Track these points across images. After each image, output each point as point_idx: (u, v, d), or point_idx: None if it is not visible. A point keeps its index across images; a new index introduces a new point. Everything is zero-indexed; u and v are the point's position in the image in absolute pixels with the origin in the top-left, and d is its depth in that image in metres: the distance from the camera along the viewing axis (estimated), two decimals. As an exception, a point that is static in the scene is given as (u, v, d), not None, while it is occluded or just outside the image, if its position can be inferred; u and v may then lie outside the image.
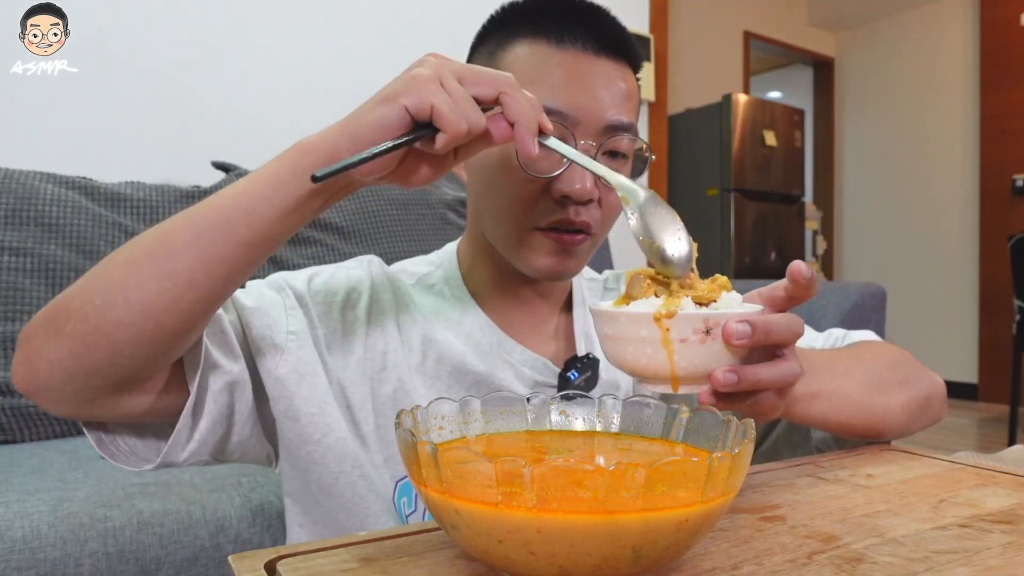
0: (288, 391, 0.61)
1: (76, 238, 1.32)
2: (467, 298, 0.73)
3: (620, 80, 0.66)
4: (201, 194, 1.50)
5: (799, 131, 4.48)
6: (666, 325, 0.44)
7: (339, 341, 0.66)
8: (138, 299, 0.47)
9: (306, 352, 0.62)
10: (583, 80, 0.64)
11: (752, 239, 4.19)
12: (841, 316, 1.80)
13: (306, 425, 0.62)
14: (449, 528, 0.35)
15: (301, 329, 0.63)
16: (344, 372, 0.65)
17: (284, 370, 0.61)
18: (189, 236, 0.48)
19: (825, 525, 0.44)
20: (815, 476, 0.56)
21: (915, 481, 0.55)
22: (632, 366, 0.47)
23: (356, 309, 0.68)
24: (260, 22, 1.91)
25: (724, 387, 0.45)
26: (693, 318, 0.44)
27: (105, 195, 1.40)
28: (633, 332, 0.45)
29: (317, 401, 0.62)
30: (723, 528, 0.44)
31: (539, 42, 0.65)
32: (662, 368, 0.45)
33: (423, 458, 0.34)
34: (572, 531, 0.31)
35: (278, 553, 0.39)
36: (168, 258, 0.48)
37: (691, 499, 0.32)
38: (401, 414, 0.40)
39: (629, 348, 0.46)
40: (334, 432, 0.63)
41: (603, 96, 0.64)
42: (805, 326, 0.75)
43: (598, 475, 0.30)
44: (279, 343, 0.61)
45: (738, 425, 0.40)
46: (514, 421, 0.48)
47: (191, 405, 0.56)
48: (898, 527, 0.44)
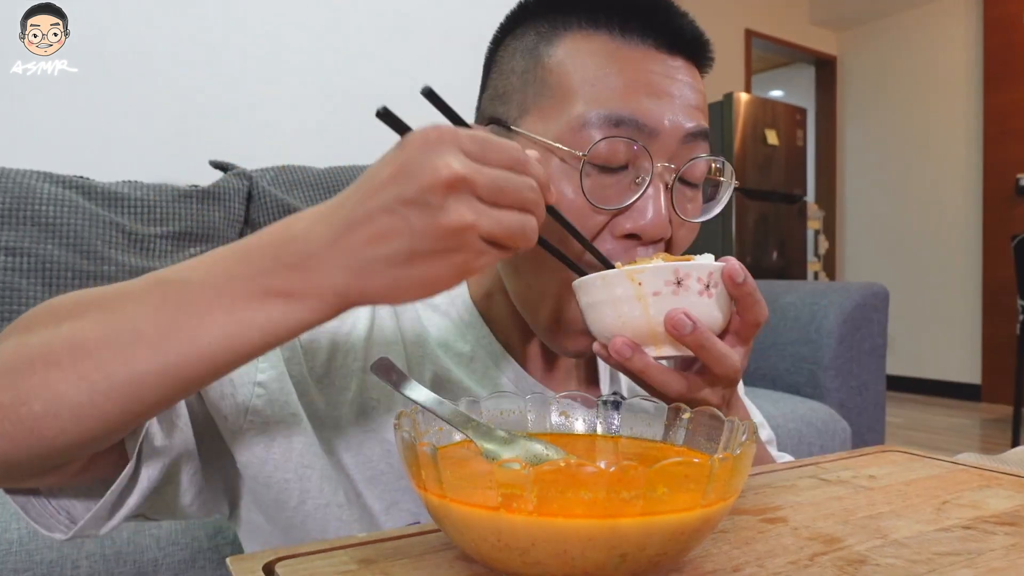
0: (256, 457, 0.53)
1: (73, 238, 1.32)
2: (479, 324, 0.64)
3: (692, 79, 0.56)
4: (199, 194, 1.50)
5: (801, 130, 4.49)
6: (638, 279, 0.46)
7: (330, 376, 0.58)
8: (89, 413, 0.39)
9: (276, 408, 0.53)
10: (656, 82, 0.54)
11: (754, 239, 4.19)
12: (843, 316, 1.80)
13: (279, 492, 0.54)
14: (449, 530, 0.35)
15: (272, 377, 0.54)
16: (337, 410, 0.58)
17: (250, 433, 0.52)
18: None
19: (827, 527, 0.44)
20: (817, 477, 0.56)
21: (918, 482, 0.55)
22: (612, 327, 0.48)
23: (351, 337, 0.59)
24: (259, 20, 1.91)
25: (674, 328, 0.45)
26: (664, 269, 0.46)
27: (102, 194, 1.40)
28: (608, 293, 0.47)
29: (292, 465, 0.54)
30: (724, 529, 0.44)
31: (597, 36, 0.54)
32: (640, 323, 0.46)
33: (423, 460, 0.34)
34: (572, 534, 0.31)
35: (276, 555, 0.39)
36: (121, 371, 0.39)
37: (692, 502, 0.32)
38: (400, 416, 0.40)
39: (607, 311, 0.47)
40: (313, 499, 0.55)
41: (680, 101, 0.54)
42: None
43: (598, 477, 0.30)
44: (242, 401, 0.52)
45: (740, 426, 0.40)
46: (514, 424, 0.48)
47: (124, 479, 0.47)
48: (901, 529, 0.44)
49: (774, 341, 1.90)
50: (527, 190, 0.39)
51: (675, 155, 0.54)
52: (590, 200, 0.53)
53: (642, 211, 0.53)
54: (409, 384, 0.44)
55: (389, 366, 0.46)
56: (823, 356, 1.80)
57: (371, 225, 0.37)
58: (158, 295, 0.40)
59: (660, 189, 0.54)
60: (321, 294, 0.38)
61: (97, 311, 0.41)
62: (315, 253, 0.38)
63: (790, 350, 1.87)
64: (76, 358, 0.39)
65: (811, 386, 1.82)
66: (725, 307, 0.48)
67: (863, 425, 1.85)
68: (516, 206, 0.39)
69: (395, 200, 0.37)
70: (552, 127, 0.54)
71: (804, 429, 1.64)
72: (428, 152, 0.37)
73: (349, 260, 0.37)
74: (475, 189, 0.37)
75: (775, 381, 1.90)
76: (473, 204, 0.37)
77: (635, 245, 0.54)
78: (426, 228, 0.36)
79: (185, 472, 0.52)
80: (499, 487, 0.31)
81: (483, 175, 0.37)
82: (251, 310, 0.39)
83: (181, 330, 0.39)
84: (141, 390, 0.39)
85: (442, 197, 0.36)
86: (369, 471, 0.58)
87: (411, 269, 0.37)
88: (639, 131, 0.52)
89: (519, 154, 0.39)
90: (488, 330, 0.64)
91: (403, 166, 0.37)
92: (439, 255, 0.37)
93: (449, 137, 0.37)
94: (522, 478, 0.30)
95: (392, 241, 0.37)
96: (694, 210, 0.59)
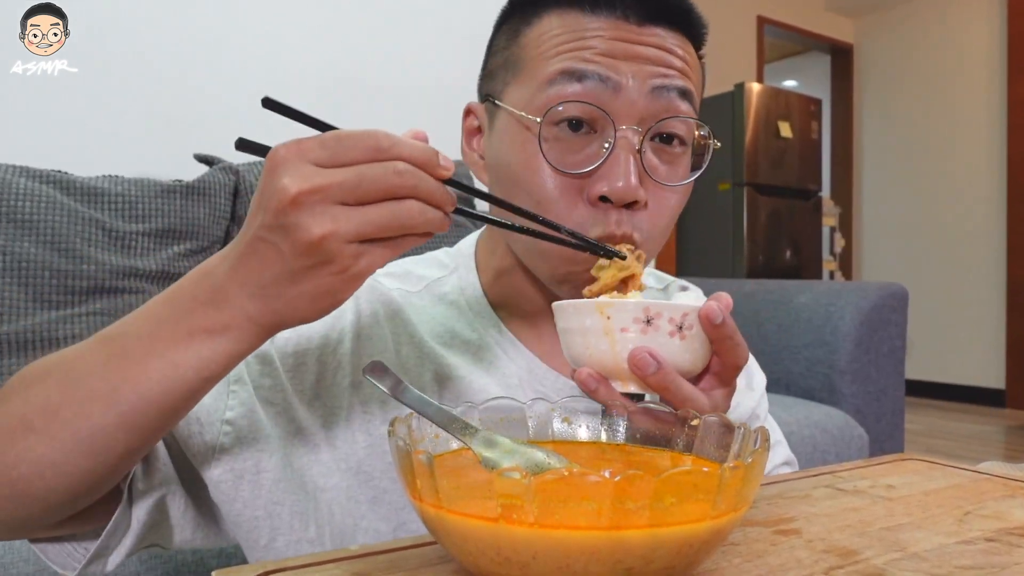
0: (225, 495, 0.55)
1: (50, 235, 1.32)
2: (488, 313, 0.65)
3: (676, 47, 0.58)
4: (183, 189, 1.50)
5: (816, 122, 4.49)
6: (607, 313, 0.47)
7: (321, 396, 0.59)
8: (67, 470, 0.44)
9: (245, 445, 0.55)
10: (622, 46, 0.56)
11: (766, 237, 4.19)
12: (860, 318, 1.80)
13: (249, 531, 0.56)
14: (446, 543, 0.35)
15: (241, 414, 0.55)
16: (331, 430, 0.59)
17: (218, 471, 0.54)
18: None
19: (843, 539, 0.44)
20: (833, 487, 0.56)
21: (939, 492, 0.55)
22: (581, 357, 0.49)
23: (337, 353, 0.59)
24: (249, 7, 1.91)
25: (637, 367, 0.46)
26: (633, 307, 0.47)
27: (81, 189, 1.40)
28: (578, 322, 0.49)
29: (262, 503, 0.55)
30: (735, 542, 0.44)
31: (570, 12, 0.57)
32: (606, 358, 0.48)
33: (418, 468, 0.34)
34: (575, 547, 0.31)
35: (264, 568, 0.39)
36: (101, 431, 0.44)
37: (701, 513, 0.32)
38: (395, 422, 0.40)
39: (577, 339, 0.49)
40: (283, 536, 0.56)
41: (651, 60, 0.56)
42: (758, 379, 0.76)
43: (602, 487, 0.30)
44: (210, 440, 0.54)
45: (752, 433, 0.40)
46: (514, 430, 0.48)
47: (114, 523, 0.51)
48: (921, 541, 0.44)
49: (787, 344, 1.90)
50: (391, 175, 0.39)
51: (645, 115, 0.56)
52: (551, 163, 0.55)
53: (608, 174, 0.55)
54: (403, 388, 0.44)
55: (382, 369, 0.46)
56: (839, 359, 1.80)
57: (254, 254, 0.40)
58: (104, 352, 0.44)
59: (628, 152, 0.55)
60: (238, 324, 0.42)
61: (58, 374, 0.45)
62: (221, 287, 0.42)
63: (804, 353, 1.87)
64: (47, 420, 0.44)
65: (826, 391, 1.82)
66: (700, 350, 0.48)
67: (881, 432, 1.85)
68: (384, 196, 0.39)
69: (260, 227, 0.40)
70: (522, 96, 0.58)
71: (819, 436, 1.64)
72: (273, 175, 0.39)
73: (248, 288, 0.41)
74: (328, 196, 0.38)
75: (788, 386, 1.90)
76: (328, 212, 0.38)
77: (609, 209, 0.55)
78: (291, 248, 0.39)
79: (174, 509, 0.55)
80: (498, 497, 0.31)
81: (333, 178, 0.38)
82: (180, 351, 0.42)
83: (126, 381, 0.43)
84: (105, 442, 0.44)
85: (293, 215, 0.38)
86: (372, 491, 0.59)
87: (298, 287, 0.41)
88: (603, 86, 0.55)
89: (378, 142, 0.39)
90: (497, 318, 0.65)
91: (260, 193, 0.40)
92: (315, 269, 0.40)
93: (292, 154, 0.39)
94: (523, 488, 0.30)
95: (272, 265, 0.40)
96: (672, 174, 0.59)
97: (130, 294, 1.36)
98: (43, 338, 1.25)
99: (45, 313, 1.27)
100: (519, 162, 0.58)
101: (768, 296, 2.02)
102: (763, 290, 2.07)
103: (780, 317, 1.94)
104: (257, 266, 0.40)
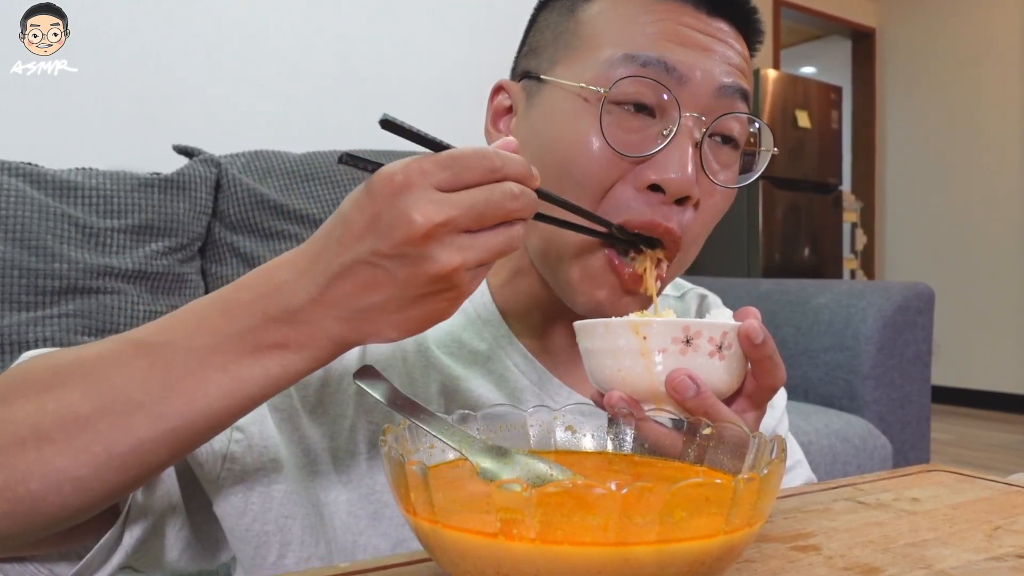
0: (234, 507, 0.54)
1: (20, 232, 1.32)
2: (497, 320, 0.66)
3: (735, 42, 0.59)
4: (162, 182, 1.50)
5: (836, 111, 4.49)
6: (643, 333, 0.46)
7: (324, 405, 0.59)
8: (92, 485, 0.43)
9: (256, 453, 0.55)
10: (691, 34, 0.57)
11: (783, 233, 4.19)
12: (883, 320, 1.80)
13: (257, 546, 0.55)
14: (442, 559, 0.35)
15: (252, 420, 0.55)
16: (335, 441, 0.59)
17: (228, 482, 0.54)
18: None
19: (865, 556, 0.44)
20: (854, 500, 0.56)
21: (966, 506, 0.55)
22: (612, 380, 0.48)
23: (344, 360, 0.60)
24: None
25: (675, 391, 0.46)
26: (673, 325, 0.46)
27: (53, 183, 1.40)
28: (610, 343, 0.47)
29: (272, 516, 0.55)
30: (750, 559, 0.44)
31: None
32: (641, 380, 0.47)
33: (411, 480, 0.34)
34: (580, 564, 0.31)
35: (248, 587, 0.39)
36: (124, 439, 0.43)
37: (714, 528, 0.32)
38: (386, 430, 0.40)
39: (607, 361, 0.48)
40: (294, 552, 0.56)
41: (718, 56, 0.57)
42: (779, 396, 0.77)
43: (609, 500, 0.30)
44: (219, 448, 0.54)
45: (767, 444, 0.40)
46: (515, 440, 0.48)
47: (110, 538, 0.50)
48: (948, 558, 0.44)
49: (806, 348, 1.91)
50: (509, 200, 0.41)
51: (708, 110, 0.57)
52: (609, 143, 0.55)
53: (666, 162, 0.55)
54: (396, 394, 0.45)
55: (374, 374, 0.46)
56: (861, 364, 1.80)
57: (354, 278, 0.41)
58: (144, 360, 0.43)
59: (688, 142, 0.56)
60: (317, 343, 0.43)
61: (81, 381, 0.44)
62: (302, 307, 0.42)
63: (824, 358, 1.87)
64: (70, 433, 0.42)
65: (847, 398, 1.82)
66: (738, 370, 0.48)
67: (905, 442, 1.85)
68: (502, 221, 0.42)
69: (372, 254, 0.40)
70: (578, 72, 0.58)
71: (839, 446, 1.64)
72: (397, 202, 0.39)
73: (339, 311, 0.42)
74: (456, 226, 0.40)
75: (807, 392, 1.91)
76: (456, 243, 0.40)
77: (658, 202, 0.56)
78: (410, 278, 0.40)
79: (171, 527, 0.55)
80: (498, 511, 0.31)
81: (462, 208, 0.40)
82: (247, 366, 0.43)
83: (178, 395, 0.42)
84: (145, 457, 0.43)
85: (423, 247, 0.39)
86: (373, 505, 0.59)
87: (404, 313, 0.42)
88: (668, 75, 0.55)
89: (491, 162, 0.41)
90: (507, 328, 0.66)
91: (375, 218, 0.40)
92: (434, 295, 0.41)
93: (417, 179, 0.39)
94: (524, 501, 0.30)
95: (379, 291, 0.41)
96: (726, 176, 0.60)
97: (105, 294, 1.36)
98: (12, 341, 1.25)
99: (14, 315, 1.27)
100: (568, 137, 0.58)
101: (785, 297, 2.02)
102: (780, 290, 2.07)
103: (798, 319, 1.95)
104: (355, 291, 0.41)
